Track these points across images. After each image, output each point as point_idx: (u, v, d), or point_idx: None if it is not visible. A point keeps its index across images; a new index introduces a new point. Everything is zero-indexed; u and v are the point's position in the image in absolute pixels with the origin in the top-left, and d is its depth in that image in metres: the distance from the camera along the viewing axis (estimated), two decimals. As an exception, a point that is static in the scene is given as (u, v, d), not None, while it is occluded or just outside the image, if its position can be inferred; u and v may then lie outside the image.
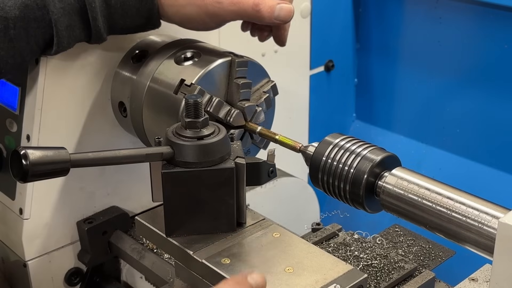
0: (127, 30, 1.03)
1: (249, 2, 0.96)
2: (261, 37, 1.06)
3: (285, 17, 0.97)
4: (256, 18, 0.97)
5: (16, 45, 0.94)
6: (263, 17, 0.97)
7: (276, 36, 1.05)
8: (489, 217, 0.70)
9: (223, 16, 0.99)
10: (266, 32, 1.05)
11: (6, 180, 1.13)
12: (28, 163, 0.71)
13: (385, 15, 1.61)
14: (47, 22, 0.94)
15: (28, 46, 0.95)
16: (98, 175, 1.17)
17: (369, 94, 1.71)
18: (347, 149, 0.84)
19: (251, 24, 1.05)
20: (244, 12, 0.97)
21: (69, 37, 0.96)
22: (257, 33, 1.06)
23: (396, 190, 0.79)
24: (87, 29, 0.98)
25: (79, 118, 1.12)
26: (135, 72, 1.07)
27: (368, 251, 1.03)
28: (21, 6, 0.92)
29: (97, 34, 0.98)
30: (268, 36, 1.05)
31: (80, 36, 0.98)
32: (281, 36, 1.04)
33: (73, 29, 0.96)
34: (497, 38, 1.40)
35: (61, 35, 0.95)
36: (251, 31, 1.06)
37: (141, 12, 0.99)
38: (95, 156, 0.77)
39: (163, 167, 0.81)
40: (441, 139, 1.57)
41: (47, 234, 1.13)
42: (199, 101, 0.81)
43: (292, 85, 1.50)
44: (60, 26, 0.95)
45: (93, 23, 0.97)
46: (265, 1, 0.96)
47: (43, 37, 0.95)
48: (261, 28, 1.05)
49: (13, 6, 0.92)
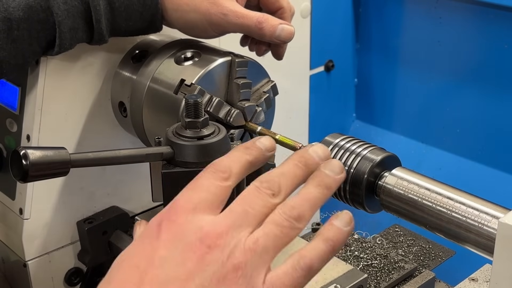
0: (129, 33, 1.03)
1: (253, 18, 0.97)
2: (259, 51, 1.08)
3: (285, 37, 0.99)
4: (258, 35, 0.99)
5: (18, 46, 0.93)
6: (264, 35, 0.99)
7: (274, 51, 1.07)
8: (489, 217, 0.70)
9: (226, 28, 1.00)
10: (264, 47, 1.07)
11: (6, 180, 1.13)
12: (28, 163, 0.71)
13: (385, 15, 1.61)
14: (51, 24, 0.94)
15: (31, 48, 0.95)
16: (98, 175, 1.16)
17: (369, 94, 1.71)
18: (347, 149, 0.84)
19: (251, 39, 1.07)
20: (247, 27, 0.98)
21: (71, 38, 0.96)
22: (256, 47, 1.08)
23: (396, 190, 0.79)
24: (90, 31, 0.98)
25: (79, 118, 1.12)
26: (135, 72, 1.07)
27: (368, 251, 1.04)
28: (25, 8, 0.92)
29: (99, 36, 0.98)
30: (266, 51, 1.08)
31: (82, 37, 0.98)
32: (279, 52, 1.07)
33: (76, 31, 0.96)
34: (497, 38, 1.40)
35: (64, 37, 0.95)
36: (250, 46, 1.08)
37: (145, 16, 1.00)
38: (95, 156, 0.77)
39: (163, 167, 0.81)
40: (441, 139, 1.57)
41: (47, 234, 1.13)
42: (199, 101, 0.81)
43: (292, 85, 1.50)
44: (63, 28, 0.95)
45: (97, 25, 0.97)
46: (268, 20, 0.98)
47: (45, 38, 0.95)
48: (260, 43, 1.06)
49: (17, 7, 0.92)
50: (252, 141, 0.63)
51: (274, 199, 0.58)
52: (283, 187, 0.59)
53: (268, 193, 0.58)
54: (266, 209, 0.57)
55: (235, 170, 0.60)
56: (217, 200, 0.57)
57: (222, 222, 0.55)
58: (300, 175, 0.61)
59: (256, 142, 0.63)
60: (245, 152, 0.62)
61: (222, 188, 0.58)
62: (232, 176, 0.59)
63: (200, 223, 0.55)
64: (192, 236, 0.54)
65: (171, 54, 1.04)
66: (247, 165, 0.61)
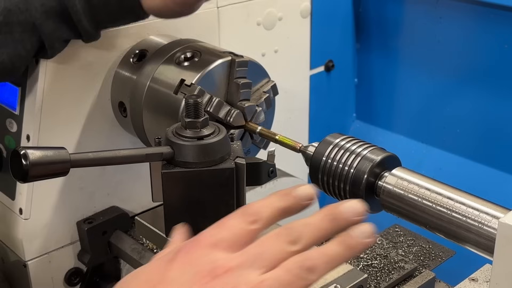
0: (116, 25, 1.02)
1: None
2: None
3: None
4: None
5: (4, 51, 0.93)
6: None
7: None
8: (489, 217, 0.70)
9: None
10: None
11: (6, 180, 1.13)
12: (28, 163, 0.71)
13: (385, 15, 1.61)
14: (31, 25, 0.94)
15: (16, 51, 0.94)
16: (98, 175, 1.16)
17: (369, 94, 1.71)
18: (347, 149, 0.84)
19: None
20: None
21: (59, 38, 0.96)
22: None
23: (396, 190, 0.79)
24: (76, 29, 0.97)
25: (79, 118, 1.12)
26: (135, 72, 1.07)
27: (368, 251, 1.04)
28: (4, 11, 0.92)
29: (86, 34, 0.98)
30: None
31: (69, 35, 0.98)
32: None
33: (61, 30, 0.96)
34: (497, 38, 1.40)
35: (51, 38, 0.95)
36: None
37: (124, 8, 0.98)
38: (95, 156, 0.77)
39: (163, 167, 0.80)
40: (441, 139, 1.57)
41: (47, 234, 1.13)
42: (199, 101, 0.81)
43: (292, 85, 1.50)
44: (46, 30, 0.94)
45: (79, 25, 0.96)
46: None
47: (30, 41, 0.95)
48: None
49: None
50: (292, 188, 0.63)
51: (291, 247, 0.58)
52: (304, 236, 0.58)
53: (287, 240, 0.58)
54: (281, 255, 0.57)
55: (265, 215, 0.60)
56: (239, 241, 0.58)
57: (234, 260, 0.56)
58: (325, 228, 0.60)
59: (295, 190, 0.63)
60: (280, 199, 0.62)
61: (247, 231, 0.59)
62: (260, 221, 0.60)
63: (215, 257, 0.57)
64: (204, 266, 0.56)
65: (171, 54, 1.04)
66: (279, 211, 0.61)
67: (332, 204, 0.61)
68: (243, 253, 0.57)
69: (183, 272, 0.56)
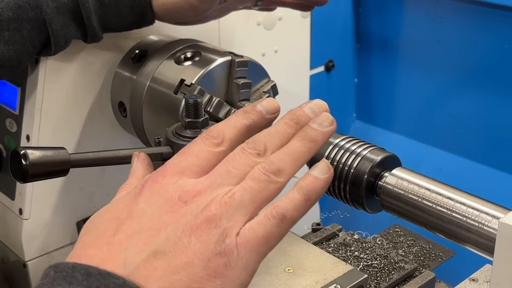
0: (122, 28, 1.02)
1: None
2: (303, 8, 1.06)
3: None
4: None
5: (11, 47, 0.93)
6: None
7: None
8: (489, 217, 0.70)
9: None
10: None
11: (6, 180, 1.13)
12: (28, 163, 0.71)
13: (385, 15, 1.61)
14: (41, 22, 0.94)
15: (24, 48, 0.94)
16: (98, 175, 1.16)
17: (369, 94, 1.71)
18: (347, 149, 0.84)
19: None
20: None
21: (65, 36, 0.96)
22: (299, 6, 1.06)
23: (396, 190, 0.79)
24: (82, 27, 0.98)
25: (79, 118, 1.11)
26: (135, 72, 1.07)
27: (368, 251, 1.04)
28: (14, 7, 0.92)
29: (92, 33, 0.98)
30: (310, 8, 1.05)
31: (76, 34, 0.98)
32: None
33: (69, 28, 0.96)
34: (497, 38, 1.40)
35: (57, 35, 0.95)
36: None
37: (135, 10, 0.99)
38: (95, 156, 0.77)
39: (163, 167, 0.80)
40: (441, 139, 1.57)
41: (47, 234, 1.13)
42: (199, 101, 0.81)
43: (292, 85, 1.50)
44: (55, 26, 0.94)
45: (88, 22, 0.96)
46: None
47: (38, 37, 0.95)
48: None
49: (6, 8, 0.91)
50: (253, 104, 0.62)
51: (258, 158, 0.57)
52: (269, 146, 0.58)
53: (253, 153, 0.57)
54: (249, 168, 0.56)
55: (229, 135, 0.59)
56: (207, 166, 0.57)
57: (203, 182, 0.56)
58: (291, 133, 0.59)
59: (256, 105, 0.62)
60: (243, 117, 0.61)
61: (213, 153, 0.58)
62: (225, 142, 0.59)
63: (183, 183, 0.56)
64: (172, 194, 0.55)
65: (171, 54, 1.04)
66: (243, 129, 0.60)
67: (293, 109, 0.60)
68: (211, 174, 0.56)
69: (151, 202, 0.55)
